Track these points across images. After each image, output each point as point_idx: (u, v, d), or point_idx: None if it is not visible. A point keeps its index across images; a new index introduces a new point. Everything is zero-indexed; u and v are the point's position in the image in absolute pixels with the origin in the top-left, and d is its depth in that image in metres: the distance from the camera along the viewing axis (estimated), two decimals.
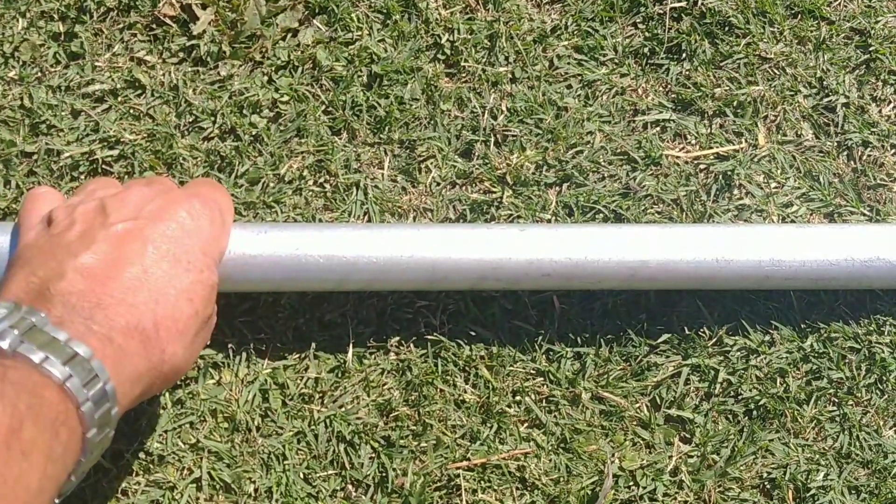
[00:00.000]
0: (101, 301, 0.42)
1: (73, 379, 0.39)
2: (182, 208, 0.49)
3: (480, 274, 0.57)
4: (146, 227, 0.46)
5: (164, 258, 0.46)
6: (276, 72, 0.69)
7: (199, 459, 0.58)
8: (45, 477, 0.36)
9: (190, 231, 0.49)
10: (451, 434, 0.59)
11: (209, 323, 0.50)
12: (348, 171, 0.66)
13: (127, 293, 0.43)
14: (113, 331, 0.42)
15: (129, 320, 0.43)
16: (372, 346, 0.62)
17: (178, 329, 0.45)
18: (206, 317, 0.48)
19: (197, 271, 0.47)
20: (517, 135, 0.68)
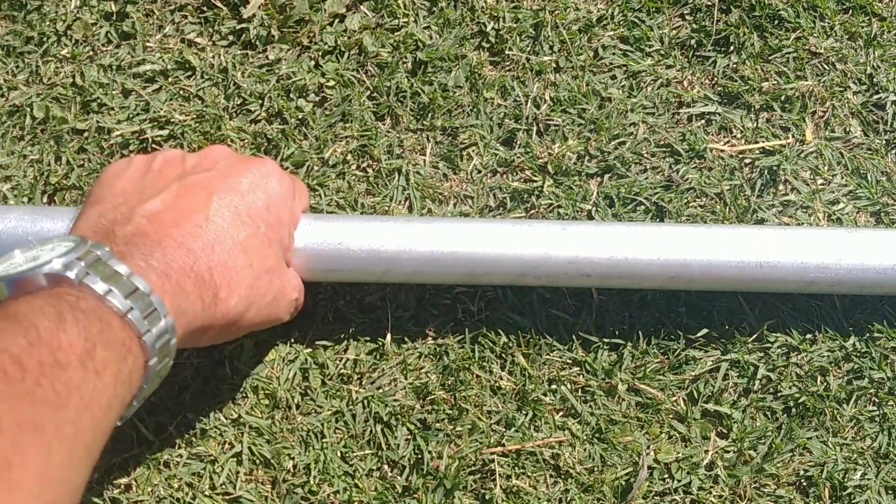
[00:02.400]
0: (162, 242, 0.45)
1: (133, 311, 0.41)
2: (255, 167, 0.52)
3: (520, 271, 0.57)
4: (215, 179, 0.49)
5: (225, 209, 0.48)
6: (323, 56, 0.69)
7: (240, 434, 0.59)
8: (114, 395, 0.39)
9: (256, 187, 0.51)
10: (486, 419, 0.60)
11: (273, 285, 0.51)
12: (391, 157, 0.67)
13: (187, 238, 0.46)
14: (170, 269, 0.44)
15: (185, 262, 0.45)
16: (410, 330, 0.62)
17: (231, 277, 0.47)
18: (263, 271, 0.49)
19: (254, 226, 0.49)
20: (559, 124, 0.68)
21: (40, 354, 0.36)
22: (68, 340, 0.37)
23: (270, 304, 0.51)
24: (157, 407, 0.59)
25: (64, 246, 0.42)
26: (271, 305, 0.51)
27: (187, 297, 0.44)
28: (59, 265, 0.40)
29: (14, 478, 0.32)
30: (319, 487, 0.58)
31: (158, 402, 0.59)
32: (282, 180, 0.52)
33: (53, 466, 0.34)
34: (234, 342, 0.60)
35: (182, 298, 0.44)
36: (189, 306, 0.44)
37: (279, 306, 0.52)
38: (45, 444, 0.34)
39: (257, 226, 0.49)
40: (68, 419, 0.35)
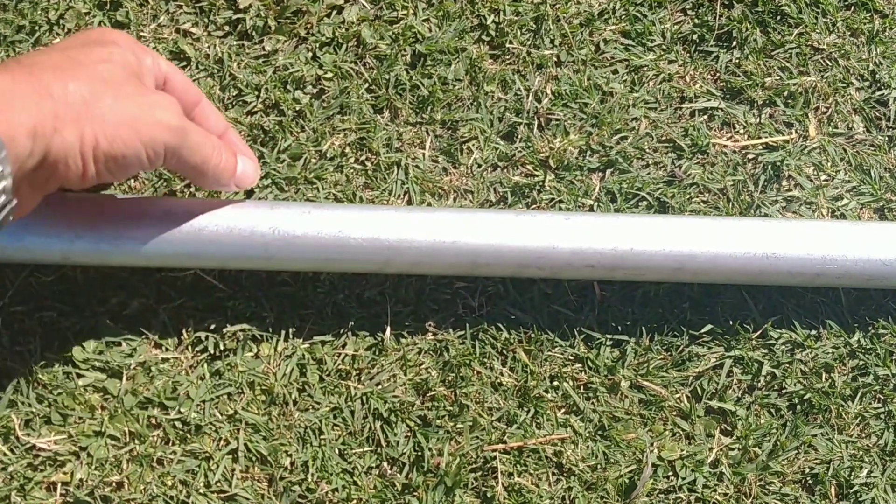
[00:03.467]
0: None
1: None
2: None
3: (523, 262, 0.56)
4: None
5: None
6: (321, 48, 0.68)
7: (235, 431, 0.57)
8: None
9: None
10: (487, 416, 0.59)
11: (123, 79, 0.46)
12: (390, 150, 0.66)
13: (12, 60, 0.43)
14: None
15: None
16: (410, 325, 0.61)
17: (61, 69, 0.43)
18: (102, 68, 0.45)
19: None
20: (561, 119, 0.67)
21: None
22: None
23: (132, 97, 0.45)
24: (150, 402, 0.58)
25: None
26: (135, 98, 0.45)
27: (1, 83, 0.40)
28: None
29: None
30: (317, 485, 0.57)
31: (151, 396, 0.57)
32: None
33: None
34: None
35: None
36: (9, 89, 0.40)
37: (153, 101, 0.46)
38: None
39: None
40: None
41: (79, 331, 0.59)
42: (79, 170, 0.44)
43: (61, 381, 0.57)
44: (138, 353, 0.58)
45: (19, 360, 0.57)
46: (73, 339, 0.58)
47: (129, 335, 0.59)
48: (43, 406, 0.57)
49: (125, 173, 0.46)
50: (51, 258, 0.53)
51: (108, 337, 0.59)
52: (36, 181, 0.44)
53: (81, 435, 0.56)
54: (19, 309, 0.58)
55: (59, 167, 0.43)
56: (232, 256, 0.55)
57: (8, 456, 0.55)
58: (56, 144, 0.42)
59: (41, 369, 0.57)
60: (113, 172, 0.45)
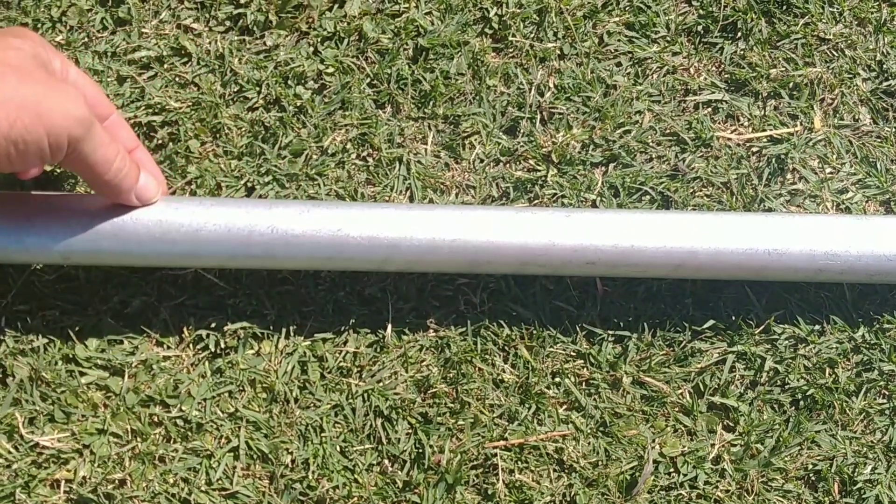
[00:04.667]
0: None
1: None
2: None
3: (524, 259, 0.56)
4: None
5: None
6: (322, 43, 0.68)
7: (236, 429, 0.58)
8: None
9: None
10: (488, 413, 0.59)
11: (27, 67, 0.45)
12: (391, 146, 0.65)
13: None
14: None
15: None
16: (411, 322, 0.61)
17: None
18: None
19: None
20: (564, 112, 0.66)
21: None
22: None
23: (39, 83, 0.44)
24: (151, 399, 0.58)
25: None
26: (42, 85, 0.44)
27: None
28: None
29: None
30: (318, 482, 0.57)
31: (153, 394, 0.58)
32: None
33: None
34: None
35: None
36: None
37: (60, 90, 0.45)
38: None
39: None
40: None
41: (81, 329, 0.59)
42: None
43: (64, 380, 0.58)
44: (140, 351, 0.59)
45: (22, 359, 0.58)
46: (75, 338, 0.59)
47: (130, 333, 0.59)
48: (46, 404, 0.57)
49: (23, 162, 0.45)
50: (51, 259, 0.54)
51: (111, 335, 0.59)
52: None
53: (84, 433, 0.57)
54: (22, 308, 0.59)
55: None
56: (230, 256, 0.55)
57: (12, 453, 0.56)
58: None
59: (44, 367, 0.58)
60: (11, 159, 0.44)
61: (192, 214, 0.54)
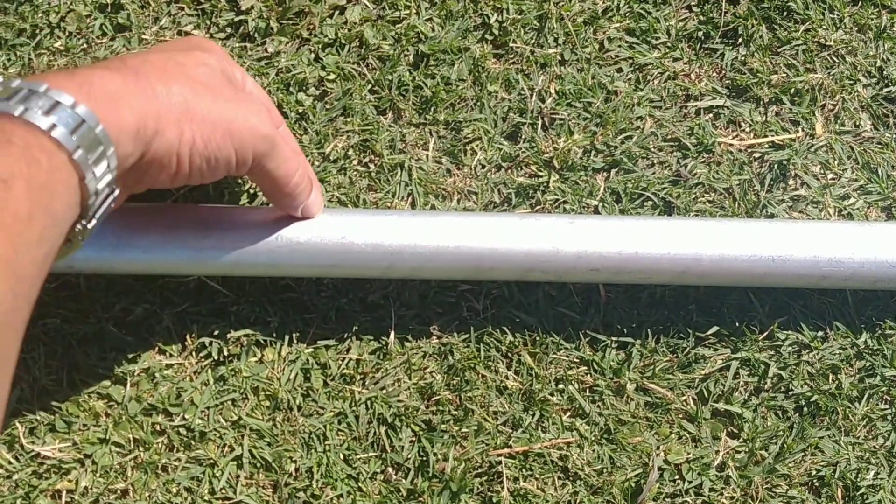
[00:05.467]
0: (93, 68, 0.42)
1: (23, 103, 0.37)
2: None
3: (527, 266, 0.56)
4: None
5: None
6: (323, 49, 0.68)
7: (240, 437, 0.57)
8: (31, 203, 0.35)
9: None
10: (492, 420, 0.59)
11: (223, 84, 0.47)
12: (393, 152, 0.65)
13: (115, 60, 0.44)
14: (92, 76, 0.41)
15: (107, 68, 0.42)
16: (414, 328, 0.61)
17: (165, 73, 0.44)
18: (203, 73, 0.46)
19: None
20: (565, 118, 0.66)
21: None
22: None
23: (229, 101, 0.46)
24: (154, 408, 0.58)
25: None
26: (231, 102, 0.46)
27: (120, 95, 0.41)
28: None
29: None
30: (322, 491, 0.57)
31: (156, 403, 0.57)
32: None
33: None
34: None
35: (113, 100, 0.40)
36: (117, 89, 0.41)
37: (247, 107, 0.47)
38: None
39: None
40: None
41: (82, 337, 0.59)
42: (172, 169, 0.44)
43: (65, 389, 0.57)
44: (142, 359, 0.58)
45: (23, 368, 0.57)
46: (76, 346, 0.58)
47: (133, 341, 0.59)
48: (47, 413, 0.57)
49: (213, 176, 0.47)
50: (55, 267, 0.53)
51: (112, 343, 0.59)
52: (129, 180, 0.44)
53: (86, 442, 0.56)
54: None
55: (154, 166, 0.44)
56: (234, 264, 0.55)
57: (13, 464, 0.56)
58: (156, 145, 0.43)
59: (45, 376, 0.57)
60: (203, 174, 0.46)
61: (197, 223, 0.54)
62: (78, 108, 0.38)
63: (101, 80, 0.41)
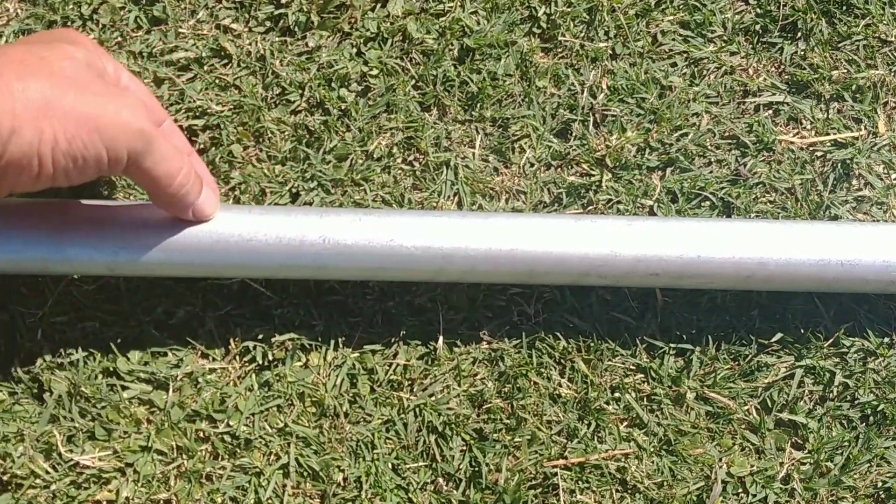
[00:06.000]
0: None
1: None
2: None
3: (584, 270, 0.53)
4: None
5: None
6: (365, 44, 0.65)
7: (286, 445, 0.55)
8: None
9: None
10: (546, 430, 0.56)
11: (89, 80, 0.43)
12: (438, 150, 0.63)
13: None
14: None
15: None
16: (463, 333, 0.59)
17: (24, 64, 0.41)
18: (68, 70, 0.42)
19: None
20: (617, 115, 0.64)
21: None
22: None
23: (96, 96, 0.42)
24: (197, 414, 0.56)
25: None
26: (100, 97, 0.42)
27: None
28: None
29: None
30: (371, 502, 0.55)
31: (199, 409, 0.55)
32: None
33: None
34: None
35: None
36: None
37: (119, 101, 0.43)
38: None
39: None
40: None
41: (123, 341, 0.57)
42: (34, 171, 0.41)
43: (105, 394, 0.55)
44: (185, 363, 0.56)
45: (61, 373, 0.56)
46: (116, 350, 0.56)
47: (174, 345, 0.57)
48: (86, 420, 0.55)
49: (82, 176, 0.43)
50: (95, 270, 0.51)
51: (154, 347, 0.57)
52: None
53: (127, 450, 0.54)
54: (60, 320, 0.56)
55: (12, 168, 0.41)
56: (281, 266, 0.53)
57: (50, 474, 0.54)
58: (13, 145, 0.40)
59: (84, 382, 0.55)
60: (69, 175, 0.43)
61: (243, 224, 0.52)
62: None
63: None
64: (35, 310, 0.56)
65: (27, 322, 0.56)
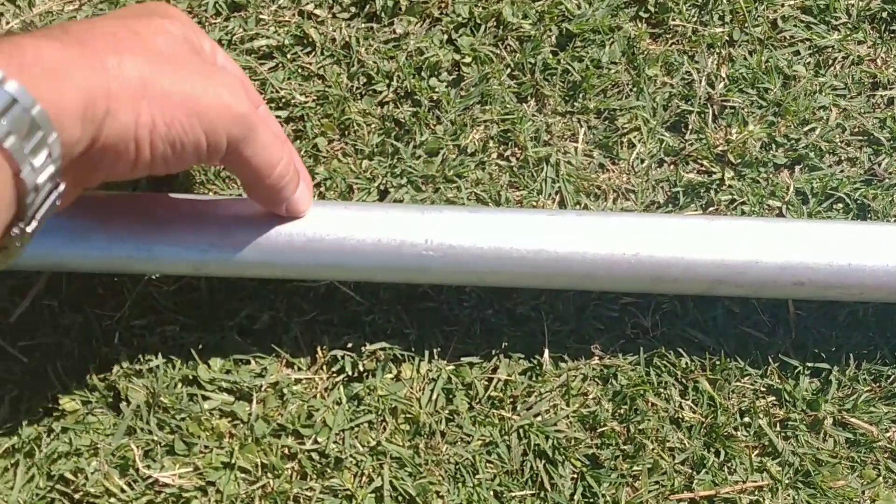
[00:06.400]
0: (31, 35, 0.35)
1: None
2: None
3: (718, 278, 0.47)
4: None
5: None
6: (457, 30, 0.60)
7: (378, 466, 0.50)
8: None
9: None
10: (668, 458, 0.50)
11: (190, 58, 0.39)
12: (537, 144, 0.58)
13: (59, 28, 0.36)
14: (24, 45, 0.33)
15: (45, 37, 0.35)
16: (571, 347, 0.53)
17: (117, 39, 0.37)
18: (164, 46, 0.39)
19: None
20: (737, 106, 0.58)
21: None
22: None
23: (194, 75, 0.38)
24: (283, 429, 0.51)
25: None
26: (198, 77, 0.38)
27: (50, 54, 0.33)
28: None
29: None
30: None
31: (285, 423, 0.51)
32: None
33: None
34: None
35: (43, 55, 0.33)
36: (58, 62, 0.33)
37: (219, 82, 0.39)
38: None
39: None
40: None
41: (204, 347, 0.52)
42: (131, 157, 0.37)
43: (185, 405, 0.51)
44: (269, 372, 0.52)
45: (138, 381, 0.51)
46: (197, 357, 0.52)
47: (258, 352, 0.52)
48: (165, 433, 0.51)
49: (180, 164, 0.39)
50: (181, 269, 0.47)
51: (236, 354, 0.52)
52: (79, 172, 0.37)
53: (209, 467, 0.50)
54: (138, 323, 0.52)
55: (109, 154, 0.37)
56: (379, 269, 0.48)
57: (126, 492, 0.49)
58: (109, 128, 0.36)
59: (163, 391, 0.51)
60: (168, 162, 0.39)
61: (338, 222, 0.47)
62: (7, 84, 0.31)
63: (36, 50, 0.33)
64: (112, 312, 0.52)
65: (103, 325, 0.52)
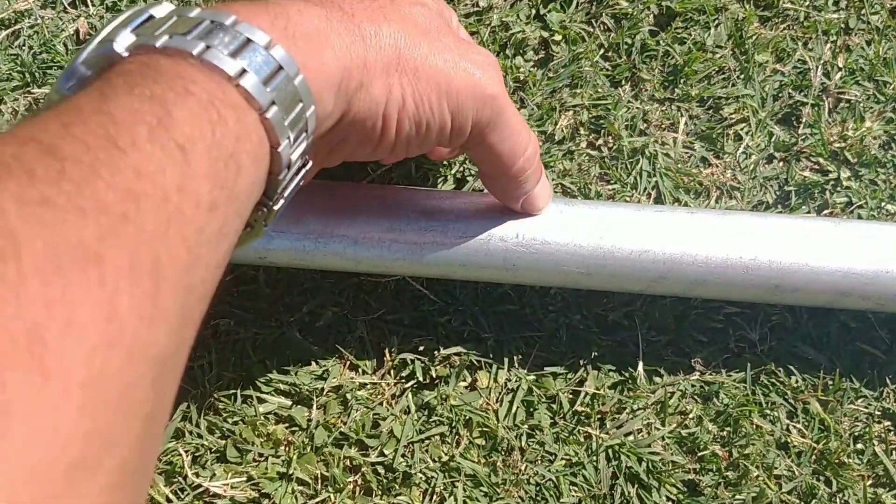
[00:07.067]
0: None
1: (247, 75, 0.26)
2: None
3: (844, 289, 0.42)
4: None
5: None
6: (546, 5, 0.55)
7: (451, 483, 0.45)
8: (214, 183, 0.24)
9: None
10: (775, 487, 0.45)
11: (443, 32, 0.36)
12: (632, 133, 0.52)
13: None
14: (289, 7, 0.30)
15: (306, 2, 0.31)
16: (668, 359, 0.48)
17: (374, 5, 0.33)
18: (420, 18, 0.35)
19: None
20: (853, 99, 0.52)
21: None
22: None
23: (449, 51, 0.34)
24: (346, 438, 0.46)
25: None
26: (452, 53, 0.35)
27: (312, 19, 0.30)
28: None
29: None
30: None
31: (348, 431, 0.46)
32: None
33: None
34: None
35: (305, 20, 0.30)
36: (319, 28, 0.30)
37: (472, 59, 0.35)
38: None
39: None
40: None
41: (261, 344, 0.47)
42: (376, 135, 0.34)
43: (238, 408, 0.46)
44: (331, 375, 0.47)
45: (189, 380, 0.47)
46: (252, 355, 0.47)
47: (320, 352, 0.47)
48: (216, 438, 0.46)
49: (421, 147, 0.36)
50: (244, 258, 0.42)
51: (296, 353, 0.47)
52: (320, 150, 0.34)
53: (263, 477, 0.45)
54: None
55: (354, 131, 0.33)
56: (461, 264, 0.43)
57: (173, 501, 0.45)
58: (359, 102, 0.32)
59: (215, 391, 0.46)
60: (410, 144, 0.35)
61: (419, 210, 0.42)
62: (273, 49, 0.28)
63: (299, 13, 0.30)
64: None
65: None
